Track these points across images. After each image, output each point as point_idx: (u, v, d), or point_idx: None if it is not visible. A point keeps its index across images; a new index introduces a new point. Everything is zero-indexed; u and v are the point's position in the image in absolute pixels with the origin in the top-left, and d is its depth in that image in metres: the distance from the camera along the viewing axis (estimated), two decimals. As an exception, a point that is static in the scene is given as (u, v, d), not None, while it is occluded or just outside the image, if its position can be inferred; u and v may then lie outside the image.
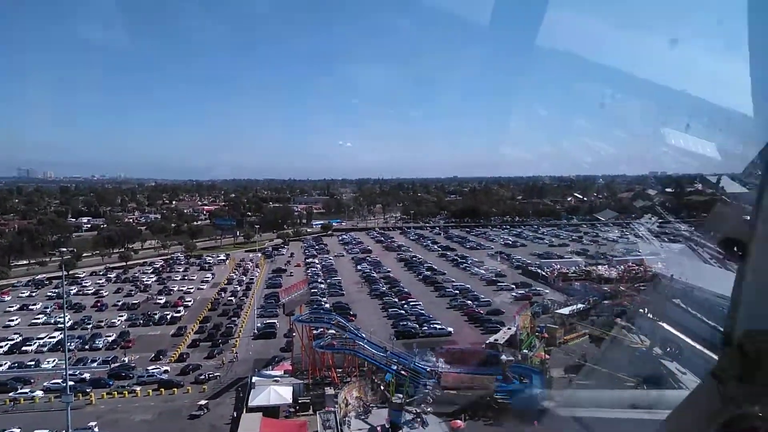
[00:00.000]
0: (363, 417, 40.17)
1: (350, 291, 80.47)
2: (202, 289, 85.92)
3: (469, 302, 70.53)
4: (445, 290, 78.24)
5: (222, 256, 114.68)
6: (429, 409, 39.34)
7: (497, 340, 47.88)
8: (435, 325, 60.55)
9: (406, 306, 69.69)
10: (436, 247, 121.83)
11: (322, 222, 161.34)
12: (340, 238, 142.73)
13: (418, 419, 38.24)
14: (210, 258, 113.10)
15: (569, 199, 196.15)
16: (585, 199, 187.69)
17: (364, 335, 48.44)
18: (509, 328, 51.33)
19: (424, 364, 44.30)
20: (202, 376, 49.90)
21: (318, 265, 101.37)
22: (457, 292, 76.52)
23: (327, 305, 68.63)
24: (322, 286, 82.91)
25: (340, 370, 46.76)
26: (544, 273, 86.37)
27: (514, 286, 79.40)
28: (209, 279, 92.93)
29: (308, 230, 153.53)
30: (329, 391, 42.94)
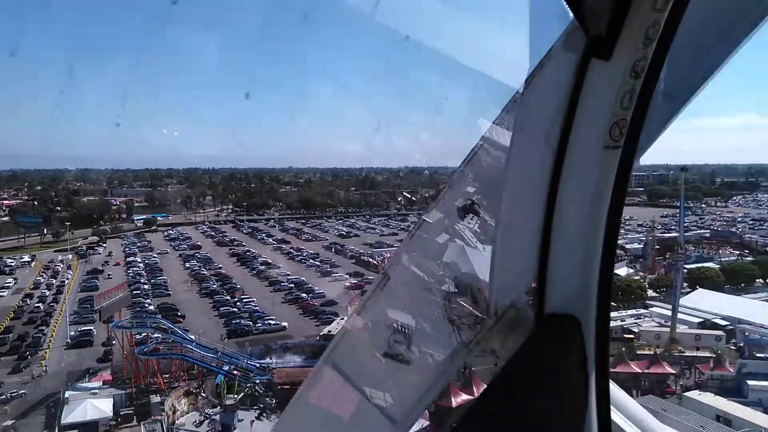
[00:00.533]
0: (194, 422, 38.65)
1: (178, 291, 76.23)
2: (2, 296, 75.45)
3: (304, 295, 70.78)
4: (280, 284, 77.60)
5: (27, 258, 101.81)
6: (273, 403, 38.93)
7: (331, 331, 48.79)
8: (269, 321, 59.80)
9: (238, 303, 67.90)
10: (270, 240, 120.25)
11: (145, 216, 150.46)
12: (166, 233, 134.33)
13: (263, 414, 37.82)
14: (11, 260, 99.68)
15: (400, 190, 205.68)
16: (412, 191, 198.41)
17: (192, 337, 46.43)
18: (342, 319, 52.61)
19: (256, 362, 43.76)
20: (4, 396, 43.95)
21: (140, 265, 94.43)
22: (293, 285, 76.35)
23: (151, 308, 64.33)
24: (146, 287, 77.41)
25: (167, 376, 44.37)
26: (375, 262, 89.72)
27: (347, 276, 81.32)
28: (11, 284, 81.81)
29: (129, 226, 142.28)
30: (155, 399, 40.59)
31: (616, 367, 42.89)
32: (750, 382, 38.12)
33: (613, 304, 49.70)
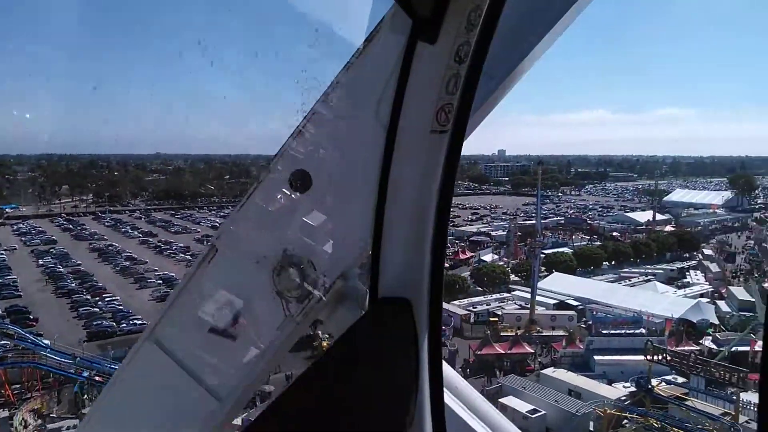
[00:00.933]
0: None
1: (30, 291, 69.18)
2: None
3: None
4: (146, 281, 73.10)
5: None
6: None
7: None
8: (135, 321, 56.19)
9: (100, 303, 63.03)
10: (136, 233, 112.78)
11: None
12: (16, 227, 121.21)
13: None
14: None
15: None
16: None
17: (46, 342, 42.50)
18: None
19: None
20: None
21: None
22: (161, 282, 72.28)
23: (-3, 311, 57.93)
24: (-10, 287, 69.51)
25: (17, 387, 40.30)
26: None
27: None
28: None
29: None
30: (3, 413, 36.76)
31: (482, 349, 45.65)
32: (596, 357, 42.19)
33: (479, 288, 51.92)
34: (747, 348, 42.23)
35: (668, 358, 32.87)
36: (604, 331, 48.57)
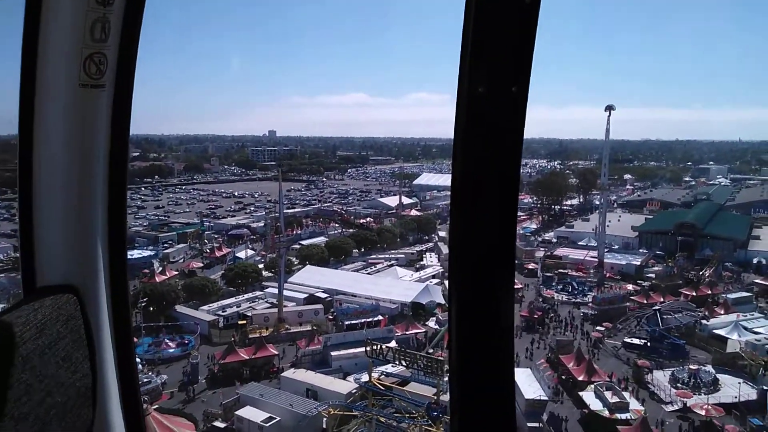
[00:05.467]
0: None
1: None
2: None
3: None
4: None
5: None
6: None
7: None
8: None
9: None
10: None
11: None
12: None
13: None
14: None
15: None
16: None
17: None
18: None
19: None
20: None
21: None
22: None
23: None
24: None
25: None
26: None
27: None
28: None
29: None
30: None
31: (226, 357, 44.84)
32: (332, 353, 44.47)
33: (231, 289, 50.51)
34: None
35: (384, 351, 35.96)
36: (347, 322, 51.67)
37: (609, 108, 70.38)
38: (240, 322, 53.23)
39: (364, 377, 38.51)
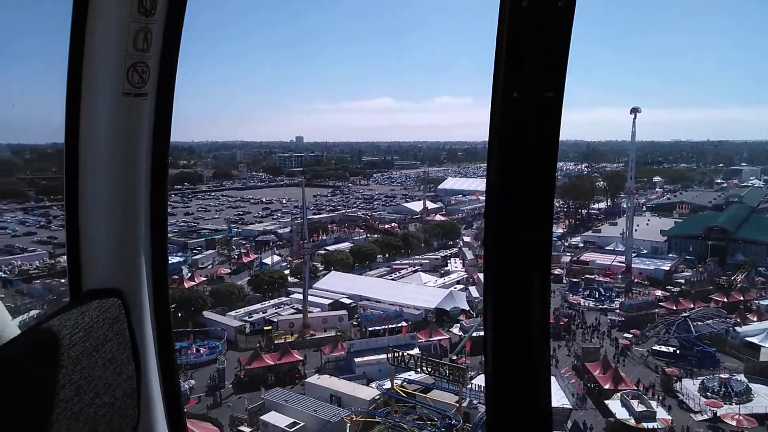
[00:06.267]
0: None
1: None
2: None
3: None
4: None
5: None
6: None
7: None
8: None
9: None
10: None
11: None
12: None
13: None
14: None
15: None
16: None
17: None
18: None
19: None
20: None
21: None
22: None
23: None
24: None
25: None
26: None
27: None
28: None
29: None
30: None
31: (252, 363, 45.49)
32: (356, 359, 44.74)
33: (258, 294, 51.16)
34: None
35: (406, 359, 36.13)
36: (371, 328, 51.87)
37: (634, 110, 69.48)
38: (266, 328, 53.90)
39: (387, 384, 38.72)
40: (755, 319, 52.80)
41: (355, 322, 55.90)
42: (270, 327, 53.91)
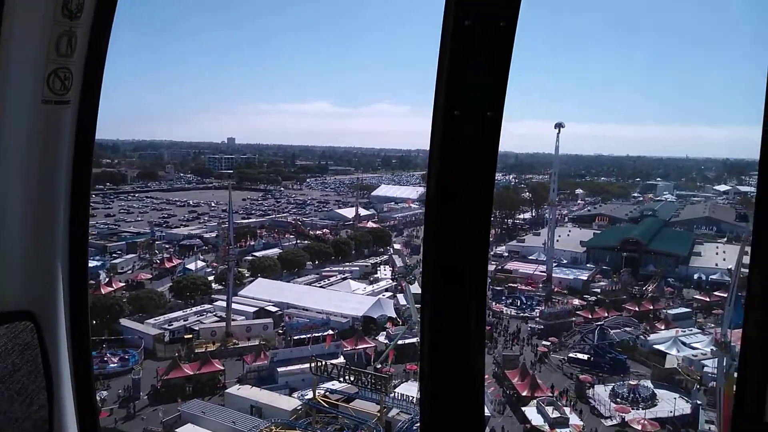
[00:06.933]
0: None
1: None
2: None
3: None
4: None
5: None
6: None
7: None
8: None
9: None
10: None
11: None
12: None
13: None
14: None
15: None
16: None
17: None
18: None
19: None
20: None
21: None
22: None
23: None
24: None
25: None
26: None
27: None
28: None
29: None
30: None
31: (170, 372, 43.87)
32: (279, 369, 44.04)
33: (179, 301, 49.47)
34: (415, 339, 48.58)
35: (329, 368, 35.91)
36: (296, 337, 51.18)
37: (558, 125, 72.48)
38: (186, 337, 52.15)
39: (310, 394, 38.30)
40: (663, 327, 56.04)
41: (280, 331, 55.04)
42: (191, 335, 52.23)
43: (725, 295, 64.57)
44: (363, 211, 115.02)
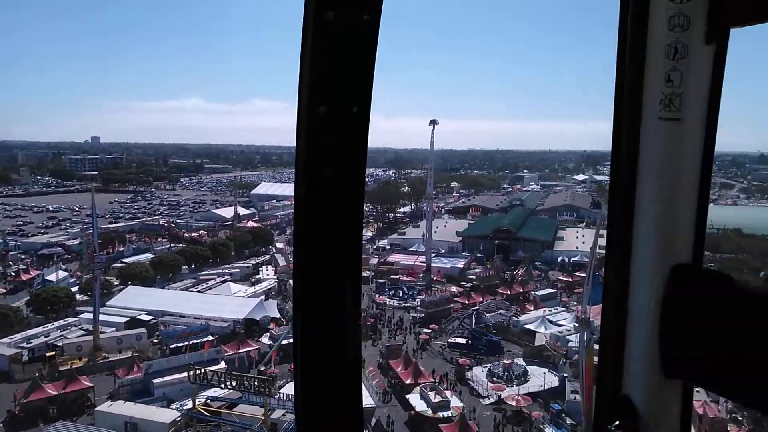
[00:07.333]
0: None
1: None
2: None
3: None
4: None
5: None
6: None
7: None
8: None
9: None
10: None
11: None
12: None
13: None
14: None
15: None
16: None
17: None
18: None
19: None
20: None
21: None
22: None
23: None
24: None
25: None
26: None
27: None
28: None
29: None
30: None
31: (29, 395, 39.88)
32: (155, 380, 41.64)
33: (39, 317, 44.99)
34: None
35: (209, 375, 34.61)
36: (172, 345, 48.68)
37: (433, 122, 75.21)
38: (48, 354, 47.59)
39: (189, 404, 36.66)
40: (532, 308, 60.19)
41: (155, 340, 52.11)
42: (54, 353, 47.73)
43: (585, 275, 71.06)
44: (242, 211, 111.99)
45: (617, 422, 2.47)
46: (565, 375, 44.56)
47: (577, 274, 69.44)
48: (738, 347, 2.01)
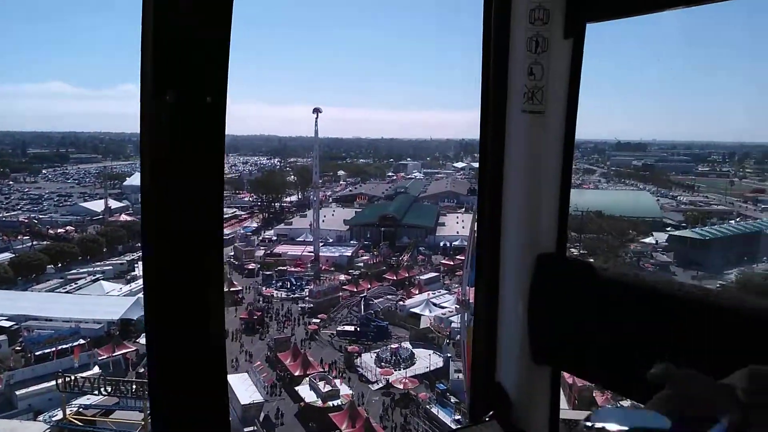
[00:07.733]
0: None
1: None
2: None
3: None
4: None
5: None
6: None
7: None
8: None
9: None
10: None
11: None
12: None
13: None
14: None
15: None
16: None
17: None
18: None
19: None
20: None
21: None
22: None
23: None
24: None
25: None
26: None
27: None
28: None
29: None
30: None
31: None
32: (18, 392, 38.05)
33: None
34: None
35: (80, 382, 32.27)
36: (38, 352, 44.70)
37: (316, 110, 74.86)
38: None
39: (60, 414, 33.93)
40: (417, 292, 62.10)
41: (18, 348, 47.53)
42: None
43: (464, 258, 74.51)
44: (114, 203, 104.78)
45: (491, 412, 2.61)
46: (449, 355, 46.55)
47: (458, 257, 72.50)
48: (598, 333, 2.19)
